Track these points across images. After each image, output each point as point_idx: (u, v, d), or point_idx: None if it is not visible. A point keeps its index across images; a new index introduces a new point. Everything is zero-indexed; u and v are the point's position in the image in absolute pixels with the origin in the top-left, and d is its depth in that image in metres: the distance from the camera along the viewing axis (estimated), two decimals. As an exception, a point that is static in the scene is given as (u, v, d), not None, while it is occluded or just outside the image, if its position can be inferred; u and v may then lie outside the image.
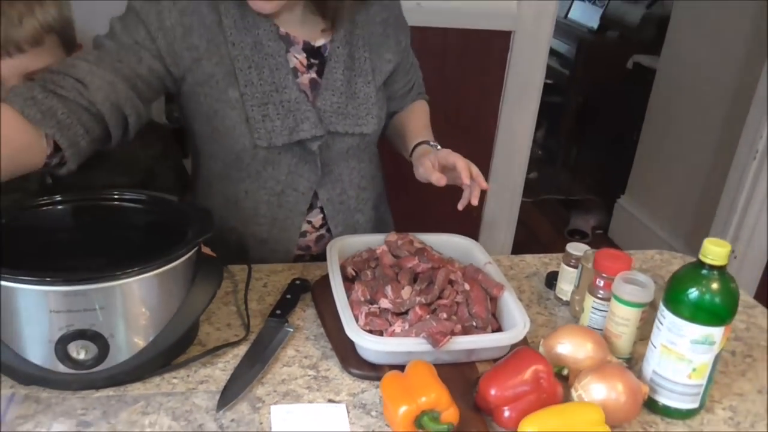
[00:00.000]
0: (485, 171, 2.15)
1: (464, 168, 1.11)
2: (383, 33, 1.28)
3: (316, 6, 1.17)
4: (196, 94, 1.17)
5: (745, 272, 2.53)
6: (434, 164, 1.16)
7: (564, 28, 4.10)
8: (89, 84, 1.00)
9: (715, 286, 0.89)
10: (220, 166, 1.25)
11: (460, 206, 1.13)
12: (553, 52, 4.02)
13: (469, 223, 1.47)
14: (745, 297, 1.27)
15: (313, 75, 1.22)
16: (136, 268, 0.87)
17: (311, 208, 1.29)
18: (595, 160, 4.23)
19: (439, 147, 1.25)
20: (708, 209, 2.71)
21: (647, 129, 3.37)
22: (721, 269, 0.89)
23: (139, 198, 1.05)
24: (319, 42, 1.22)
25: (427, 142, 1.28)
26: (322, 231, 1.33)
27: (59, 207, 1.01)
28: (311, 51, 1.22)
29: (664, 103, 3.22)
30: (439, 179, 1.12)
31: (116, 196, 1.04)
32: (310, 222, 1.31)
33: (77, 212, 1.02)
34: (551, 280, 1.24)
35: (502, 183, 2.24)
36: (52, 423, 0.86)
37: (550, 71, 4.01)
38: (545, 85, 3.99)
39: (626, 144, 3.60)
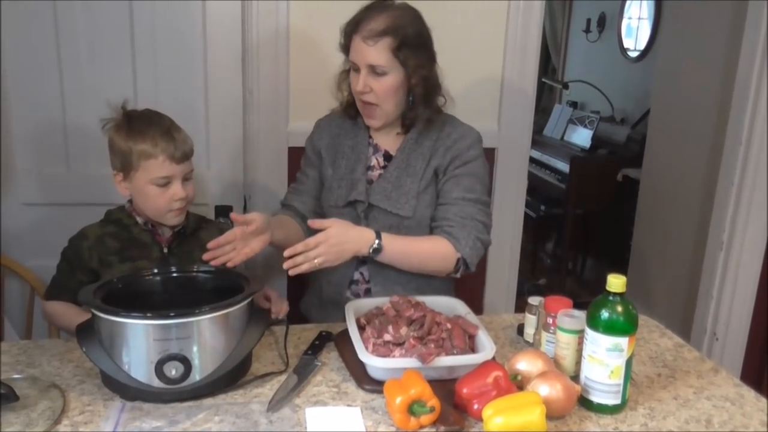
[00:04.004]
0: (481, 276, 2.52)
1: (306, 243, 1.48)
2: (443, 152, 1.70)
3: (400, 122, 1.73)
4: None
5: (728, 351, 2.81)
6: (317, 223, 1.53)
7: (561, 149, 4.59)
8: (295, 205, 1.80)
9: (619, 308, 1.24)
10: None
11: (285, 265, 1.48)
12: (552, 170, 4.52)
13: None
14: (678, 340, 1.62)
15: (382, 172, 1.75)
16: (208, 308, 1.26)
17: (364, 264, 1.73)
18: (598, 265, 4.59)
19: (377, 246, 1.57)
20: (694, 299, 3.02)
21: (638, 233, 3.75)
22: (622, 296, 1.24)
23: (209, 270, 1.46)
24: (394, 152, 1.75)
25: (377, 243, 1.57)
26: (371, 285, 1.74)
27: (156, 277, 1.45)
28: (387, 156, 1.76)
29: (649, 208, 3.62)
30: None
31: (194, 269, 1.46)
32: (362, 274, 1.75)
33: (168, 280, 1.45)
34: (521, 329, 1.60)
35: (497, 284, 2.56)
36: (152, 422, 1.22)
37: (551, 187, 4.49)
38: (549, 199, 4.45)
39: (623, 248, 3.97)
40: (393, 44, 1.59)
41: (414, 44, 1.62)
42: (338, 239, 1.51)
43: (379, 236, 1.58)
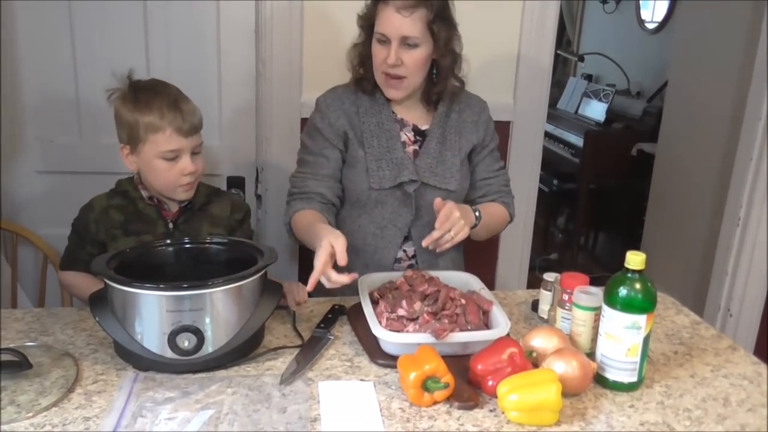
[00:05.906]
0: (494, 250, 2.51)
1: (443, 216, 1.49)
2: (473, 126, 1.76)
3: (424, 96, 1.71)
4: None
5: (741, 328, 2.79)
6: (440, 205, 1.52)
7: (575, 122, 4.53)
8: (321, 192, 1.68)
9: (637, 285, 1.22)
10: (347, 207, 1.74)
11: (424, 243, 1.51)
12: (566, 144, 4.47)
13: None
14: (695, 317, 1.60)
15: (416, 148, 1.72)
16: (221, 280, 1.25)
17: (407, 240, 1.73)
18: (610, 240, 4.56)
19: (479, 215, 1.64)
20: (708, 276, 2.99)
21: (652, 208, 3.71)
22: (641, 273, 1.22)
23: (223, 241, 1.45)
24: (424, 126, 1.73)
25: (476, 210, 1.65)
26: (413, 261, 1.75)
27: (169, 248, 1.44)
28: (418, 131, 1.73)
29: (664, 184, 3.58)
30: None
31: (207, 240, 1.45)
32: (405, 251, 1.74)
33: (181, 251, 1.44)
34: (535, 305, 1.58)
35: (510, 259, 2.54)
36: (165, 392, 1.21)
37: (564, 161, 4.45)
38: (562, 173, 4.41)
39: (636, 223, 3.93)
40: (428, 16, 1.57)
41: (443, 16, 1.61)
42: (460, 213, 1.52)
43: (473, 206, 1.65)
